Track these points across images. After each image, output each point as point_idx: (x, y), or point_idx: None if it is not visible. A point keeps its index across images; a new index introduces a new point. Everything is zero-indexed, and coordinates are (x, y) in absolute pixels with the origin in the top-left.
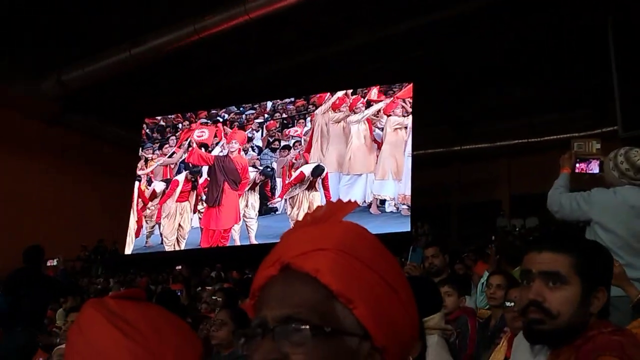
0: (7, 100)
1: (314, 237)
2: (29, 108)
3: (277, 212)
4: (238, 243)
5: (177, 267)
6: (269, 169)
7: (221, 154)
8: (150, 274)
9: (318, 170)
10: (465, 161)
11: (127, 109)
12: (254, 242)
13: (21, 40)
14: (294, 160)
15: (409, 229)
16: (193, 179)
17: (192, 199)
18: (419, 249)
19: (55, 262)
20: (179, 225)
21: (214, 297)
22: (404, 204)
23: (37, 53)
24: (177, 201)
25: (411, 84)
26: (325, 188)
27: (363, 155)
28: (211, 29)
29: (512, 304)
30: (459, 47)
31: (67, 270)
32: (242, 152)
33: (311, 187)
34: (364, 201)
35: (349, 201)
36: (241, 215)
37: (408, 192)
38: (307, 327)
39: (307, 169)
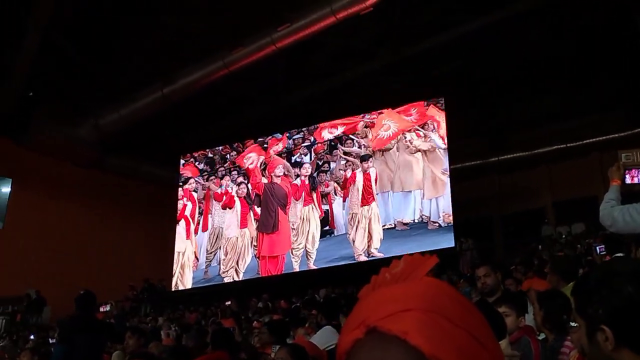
0: (47, 148)
1: (397, 297)
2: (68, 154)
3: (334, 235)
4: (297, 269)
5: (226, 303)
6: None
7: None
8: (198, 308)
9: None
10: (504, 171)
11: (162, 147)
12: (313, 267)
13: (57, 90)
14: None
15: (453, 245)
16: (249, 205)
17: (252, 226)
18: None
19: (108, 308)
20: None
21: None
22: (446, 222)
23: (73, 100)
24: (240, 228)
25: (442, 99)
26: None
27: (411, 173)
28: (240, 62)
29: (577, 324)
30: (487, 57)
31: (120, 315)
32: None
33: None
34: (414, 219)
35: (428, 256)
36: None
37: (449, 209)
38: None
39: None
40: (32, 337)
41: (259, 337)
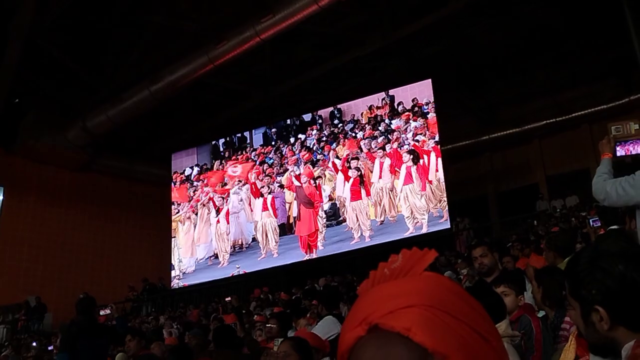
0: (37, 154)
1: (398, 293)
2: (58, 159)
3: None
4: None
5: (227, 299)
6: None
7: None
8: (199, 305)
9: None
10: (496, 149)
11: (154, 145)
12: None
13: (43, 95)
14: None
15: (449, 226)
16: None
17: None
18: None
19: (108, 311)
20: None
21: (268, 325)
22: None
23: (60, 104)
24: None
25: (429, 80)
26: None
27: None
28: (225, 56)
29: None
30: (471, 36)
31: (121, 317)
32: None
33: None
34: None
35: (426, 251)
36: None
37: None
38: None
39: None
40: (34, 344)
41: (267, 330)
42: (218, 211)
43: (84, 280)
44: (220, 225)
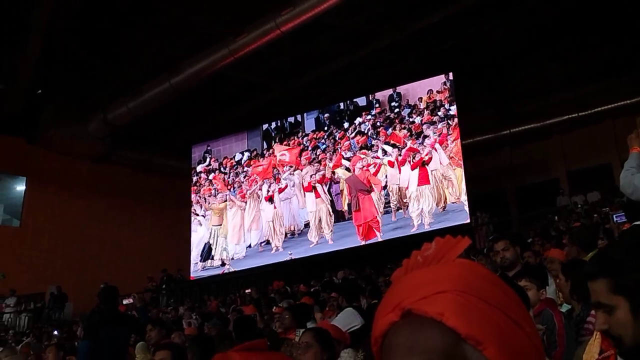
0: (58, 145)
1: (431, 280)
2: (78, 150)
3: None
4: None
5: (247, 291)
6: None
7: None
8: (217, 296)
9: None
10: (516, 144)
11: (174, 138)
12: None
13: (64, 87)
14: None
15: (468, 221)
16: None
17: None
18: None
19: (131, 300)
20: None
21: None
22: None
23: (81, 96)
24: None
25: (450, 74)
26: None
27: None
28: (245, 48)
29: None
30: (492, 29)
31: (143, 307)
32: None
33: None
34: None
35: (460, 238)
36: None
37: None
38: None
39: None
40: (55, 332)
41: (280, 322)
42: (269, 198)
43: (102, 271)
44: (272, 212)
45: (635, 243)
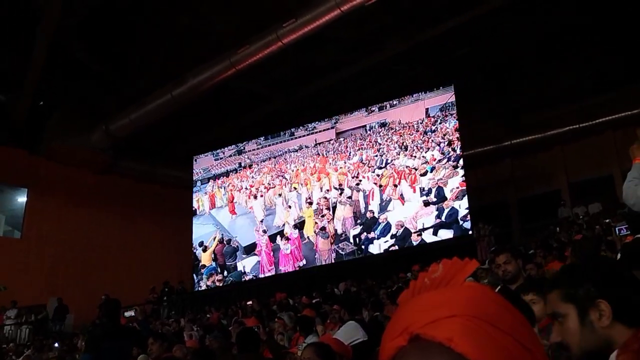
0: (60, 156)
1: (439, 304)
2: (81, 161)
3: None
4: None
5: (248, 303)
6: None
7: None
8: (219, 308)
9: None
10: (517, 155)
11: (176, 148)
12: None
13: (66, 98)
14: None
15: (470, 232)
16: None
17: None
18: None
19: (132, 313)
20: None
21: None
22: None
23: (83, 107)
24: None
25: (452, 86)
26: None
27: None
28: (247, 60)
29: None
30: (496, 40)
31: (144, 319)
32: None
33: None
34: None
35: (467, 261)
36: None
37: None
38: None
39: None
40: (56, 345)
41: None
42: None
43: (105, 282)
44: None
45: (591, 254)
